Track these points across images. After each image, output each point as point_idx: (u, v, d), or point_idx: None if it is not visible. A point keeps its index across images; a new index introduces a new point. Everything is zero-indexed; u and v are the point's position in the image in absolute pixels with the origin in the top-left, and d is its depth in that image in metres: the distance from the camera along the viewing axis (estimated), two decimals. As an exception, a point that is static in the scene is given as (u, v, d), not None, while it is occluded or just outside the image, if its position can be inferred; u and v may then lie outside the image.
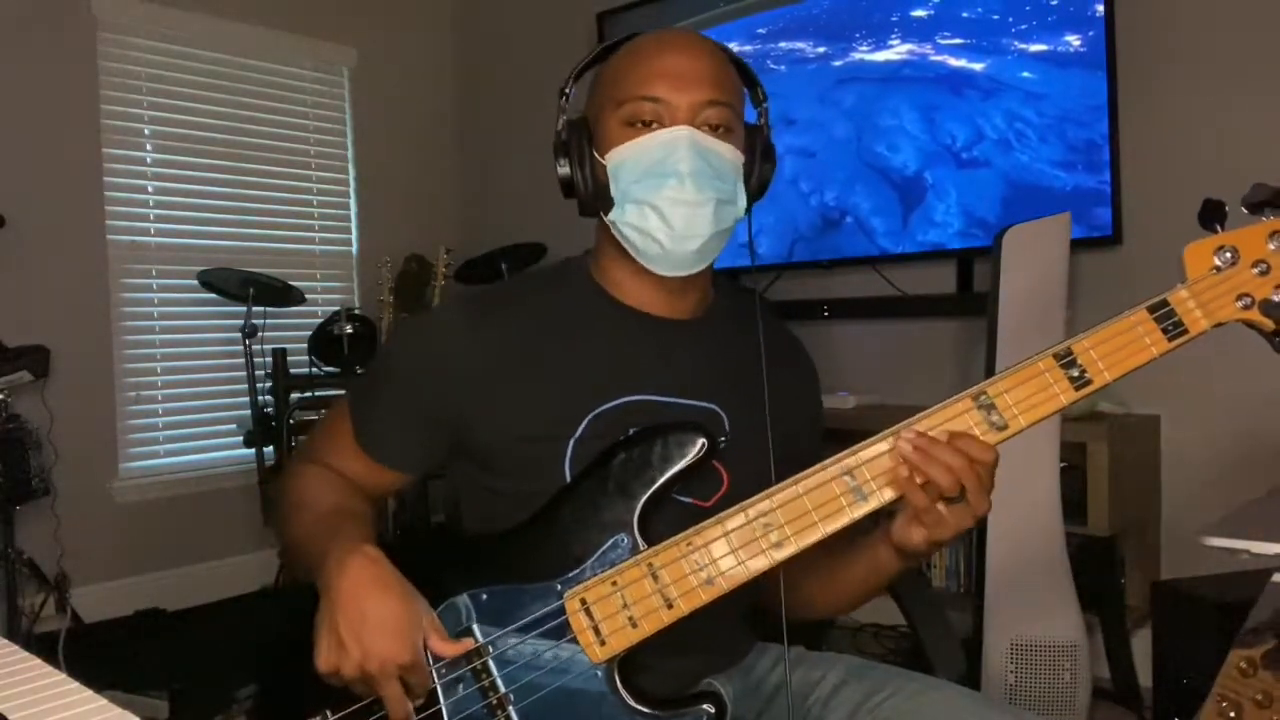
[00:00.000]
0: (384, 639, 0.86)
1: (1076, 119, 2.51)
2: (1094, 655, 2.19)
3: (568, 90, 1.07)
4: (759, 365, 1.03)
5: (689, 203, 0.98)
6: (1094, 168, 2.49)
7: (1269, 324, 0.88)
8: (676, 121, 0.99)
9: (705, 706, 0.92)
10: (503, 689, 0.93)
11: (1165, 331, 0.88)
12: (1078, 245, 2.30)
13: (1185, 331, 0.88)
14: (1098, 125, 2.47)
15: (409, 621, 0.88)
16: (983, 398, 0.89)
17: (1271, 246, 0.88)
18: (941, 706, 0.99)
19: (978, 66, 2.68)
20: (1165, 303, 0.88)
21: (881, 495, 0.89)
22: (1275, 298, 0.87)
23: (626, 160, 1.00)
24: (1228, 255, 0.88)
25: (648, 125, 0.99)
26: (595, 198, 1.03)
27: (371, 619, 0.86)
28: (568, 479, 1.00)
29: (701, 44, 1.03)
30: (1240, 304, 0.88)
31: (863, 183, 2.94)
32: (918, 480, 0.87)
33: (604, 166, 1.01)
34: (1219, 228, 0.89)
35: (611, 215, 1.02)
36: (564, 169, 1.03)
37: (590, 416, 1.01)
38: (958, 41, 2.72)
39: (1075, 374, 0.88)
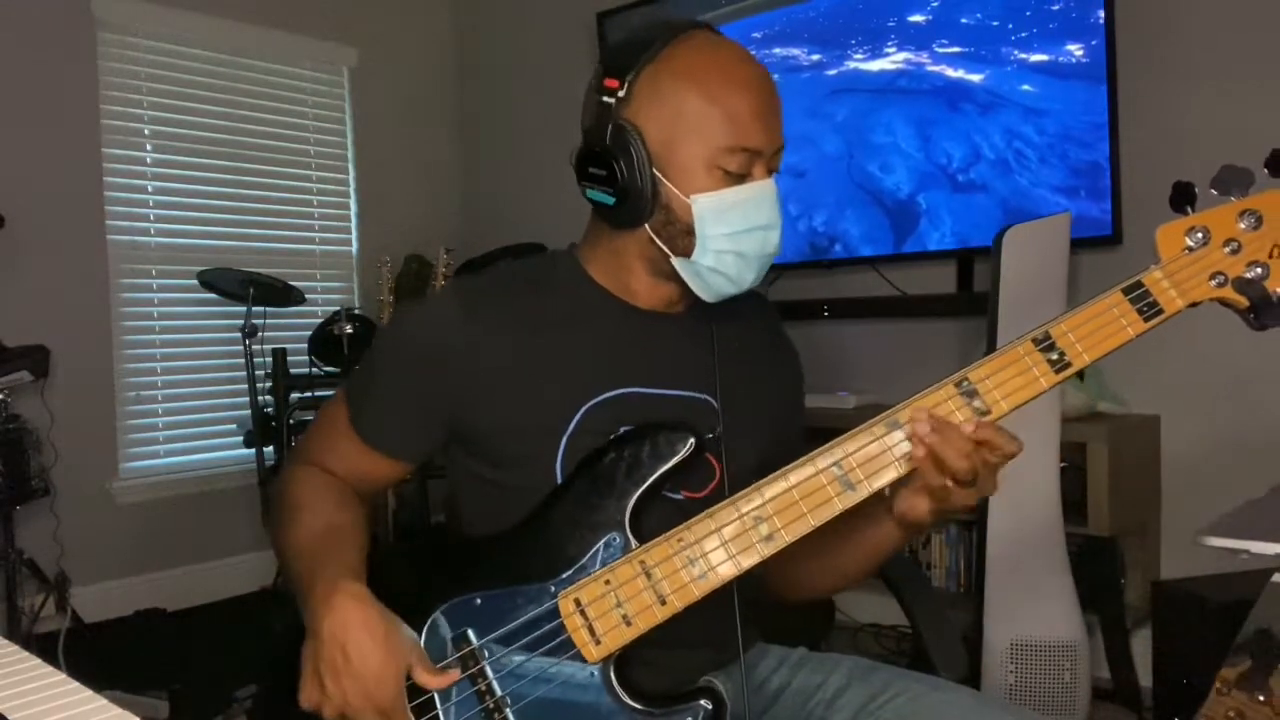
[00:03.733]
0: (364, 685, 0.87)
1: (1078, 138, 2.42)
2: (1094, 655, 2.19)
3: (619, 94, 1.00)
4: (746, 352, 1.04)
5: (769, 254, 1.02)
6: (1097, 194, 2.40)
7: (1243, 301, 0.89)
8: (762, 170, 1.00)
9: (703, 702, 0.92)
10: (499, 692, 0.93)
11: (1141, 312, 0.89)
12: (1077, 245, 2.29)
13: (1161, 311, 0.89)
14: (1100, 145, 2.38)
15: (391, 666, 0.88)
16: (965, 384, 0.90)
17: (1242, 225, 0.89)
18: (946, 709, 0.99)
19: (976, 78, 2.58)
20: (1140, 284, 0.89)
21: (870, 484, 0.90)
22: (1248, 275, 0.88)
23: (721, 211, 0.99)
24: (1199, 235, 0.90)
25: (737, 175, 0.99)
26: (644, 216, 1.01)
27: (354, 664, 0.87)
28: (559, 475, 1.00)
29: (769, 76, 1.05)
30: (1214, 283, 0.89)
31: (853, 206, 2.84)
32: (933, 459, 0.87)
33: (685, 204, 0.99)
34: (1190, 209, 0.90)
35: (694, 257, 1.00)
36: (621, 180, 0.99)
37: (583, 410, 1.01)
38: (956, 50, 2.62)
39: (1054, 357, 0.89)
